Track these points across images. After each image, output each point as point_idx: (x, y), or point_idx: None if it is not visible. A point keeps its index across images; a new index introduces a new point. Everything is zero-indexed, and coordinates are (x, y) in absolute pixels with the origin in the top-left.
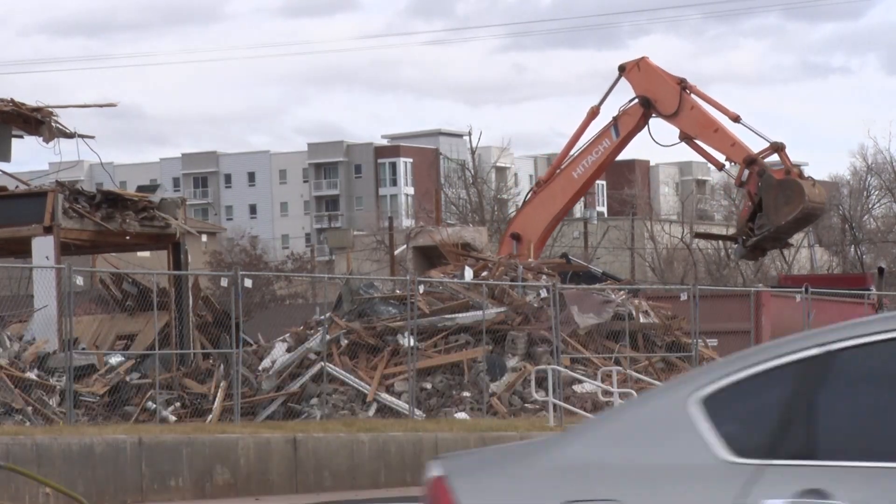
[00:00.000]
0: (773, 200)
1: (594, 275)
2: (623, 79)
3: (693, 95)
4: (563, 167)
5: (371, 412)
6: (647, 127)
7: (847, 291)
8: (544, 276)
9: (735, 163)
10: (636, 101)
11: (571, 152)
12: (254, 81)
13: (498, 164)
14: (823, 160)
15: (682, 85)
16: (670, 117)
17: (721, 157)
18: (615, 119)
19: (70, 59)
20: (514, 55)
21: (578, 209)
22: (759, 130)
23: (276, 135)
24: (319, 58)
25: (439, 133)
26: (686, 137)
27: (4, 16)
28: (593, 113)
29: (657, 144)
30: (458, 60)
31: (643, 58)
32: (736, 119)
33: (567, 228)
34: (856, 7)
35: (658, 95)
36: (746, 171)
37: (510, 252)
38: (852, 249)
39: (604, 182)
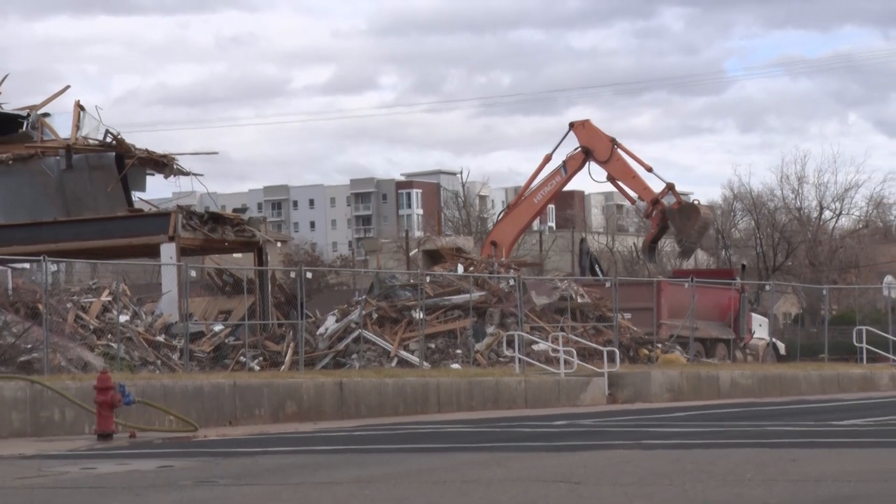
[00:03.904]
0: (678, 223)
1: (592, 259)
2: (572, 133)
3: (620, 150)
4: (526, 195)
5: (393, 364)
6: (587, 168)
7: (720, 281)
8: (512, 270)
9: (644, 201)
10: (579, 149)
11: (532, 185)
12: (306, 137)
13: (480, 194)
14: (702, 191)
15: (613, 142)
16: (602, 163)
17: (634, 195)
18: (564, 162)
19: (178, 121)
20: (484, 119)
21: (536, 224)
22: (661, 175)
23: (322, 173)
24: (352, 121)
25: (440, 172)
26: (612, 179)
27: (132, 92)
28: (547, 158)
29: (592, 180)
30: (446, 123)
31: (587, 120)
32: (649, 169)
33: (528, 237)
34: (718, 86)
35: (595, 147)
36: (652, 209)
37: (489, 253)
38: (723, 252)
39: (553, 206)
